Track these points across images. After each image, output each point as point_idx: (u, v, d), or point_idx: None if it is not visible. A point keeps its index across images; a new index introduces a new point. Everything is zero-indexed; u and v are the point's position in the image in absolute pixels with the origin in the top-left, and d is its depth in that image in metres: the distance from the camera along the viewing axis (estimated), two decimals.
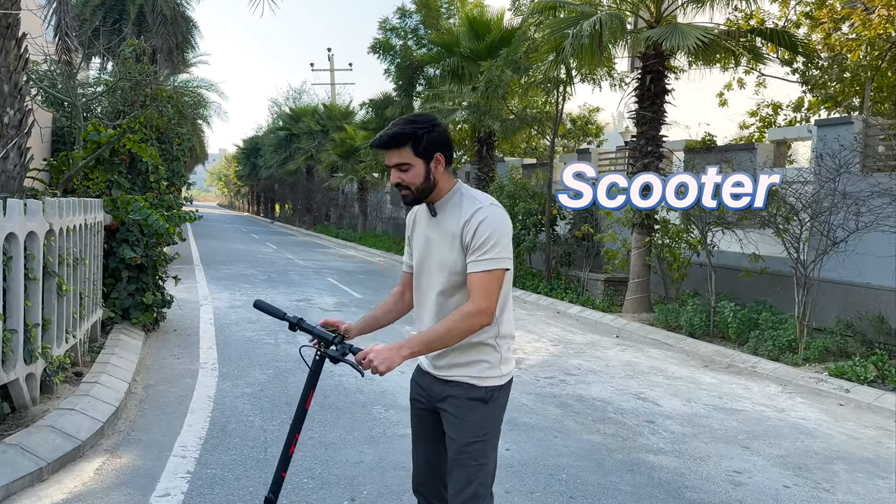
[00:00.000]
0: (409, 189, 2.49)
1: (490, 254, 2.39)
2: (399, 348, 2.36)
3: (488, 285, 2.39)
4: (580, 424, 5.62)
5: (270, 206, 55.21)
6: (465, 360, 2.51)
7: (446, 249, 2.49)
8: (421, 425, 2.70)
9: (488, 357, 2.52)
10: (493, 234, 2.39)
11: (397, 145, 2.44)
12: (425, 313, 2.59)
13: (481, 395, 2.51)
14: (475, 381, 2.51)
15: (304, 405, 2.59)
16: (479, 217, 2.42)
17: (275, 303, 10.94)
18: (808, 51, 10.67)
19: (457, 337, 2.41)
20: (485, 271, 2.39)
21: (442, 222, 2.53)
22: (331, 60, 40.37)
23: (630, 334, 10.17)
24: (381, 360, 2.33)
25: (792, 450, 5.37)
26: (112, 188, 8.04)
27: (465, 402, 2.51)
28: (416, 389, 2.70)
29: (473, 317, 2.38)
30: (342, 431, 5.04)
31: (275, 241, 27.08)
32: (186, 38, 22.66)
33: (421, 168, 2.46)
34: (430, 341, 2.39)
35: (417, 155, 2.45)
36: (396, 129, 2.45)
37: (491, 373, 2.52)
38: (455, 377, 2.53)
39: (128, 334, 7.24)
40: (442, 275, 2.50)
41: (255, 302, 2.70)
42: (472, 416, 2.50)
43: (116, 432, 4.79)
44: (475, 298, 2.39)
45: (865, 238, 8.38)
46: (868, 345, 8.52)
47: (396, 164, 2.46)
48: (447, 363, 2.53)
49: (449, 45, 16.69)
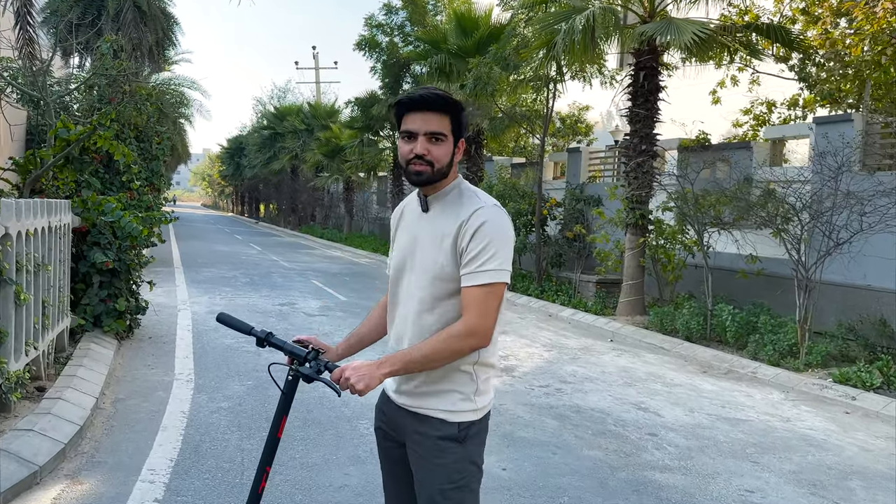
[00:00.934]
0: (431, 166, 2.07)
1: (489, 265, 2.01)
2: (379, 365, 1.99)
3: (485, 302, 2.01)
4: (580, 439, 5.29)
5: (255, 206, 54.61)
6: (434, 388, 2.11)
7: (433, 249, 2.09)
8: (388, 461, 2.30)
9: (461, 387, 2.11)
10: (494, 241, 2.02)
11: (442, 109, 2.06)
12: (401, 328, 2.18)
13: (453, 433, 2.10)
14: (445, 416, 2.10)
15: (276, 433, 2.21)
16: (479, 219, 2.04)
17: (256, 307, 10.58)
18: (804, 47, 10.42)
19: (442, 360, 2.02)
20: (482, 286, 2.00)
21: (434, 219, 2.14)
22: (315, 59, 39.95)
23: (624, 338, 9.87)
24: (358, 377, 1.96)
25: (804, 464, 5.07)
26: (82, 188, 7.62)
27: (435, 443, 2.10)
28: (381, 417, 2.30)
29: (464, 338, 2.00)
30: (326, 451, 4.67)
31: (259, 242, 26.61)
32: (167, 35, 22.13)
33: (451, 147, 2.10)
34: (410, 360, 2.01)
35: (452, 131, 2.09)
36: (442, 93, 2.07)
37: (464, 405, 2.11)
38: (421, 409, 2.13)
39: (99, 343, 6.83)
40: (424, 280, 2.10)
41: (218, 315, 2.33)
42: (445, 460, 2.09)
43: (79, 454, 4.40)
44: (469, 317, 2.01)
45: (868, 239, 8.12)
46: (870, 349, 8.26)
47: (431, 133, 2.06)
48: (412, 389, 2.13)
49: (436, 41, 16.35)
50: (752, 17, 11.27)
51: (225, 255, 19.75)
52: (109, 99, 11.06)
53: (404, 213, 2.30)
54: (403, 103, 2.10)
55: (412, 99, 2.07)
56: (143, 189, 9.63)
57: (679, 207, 10.12)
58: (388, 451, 2.30)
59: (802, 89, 11.54)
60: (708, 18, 10.41)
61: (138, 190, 9.74)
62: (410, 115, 2.08)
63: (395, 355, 2.03)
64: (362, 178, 26.18)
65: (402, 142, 2.13)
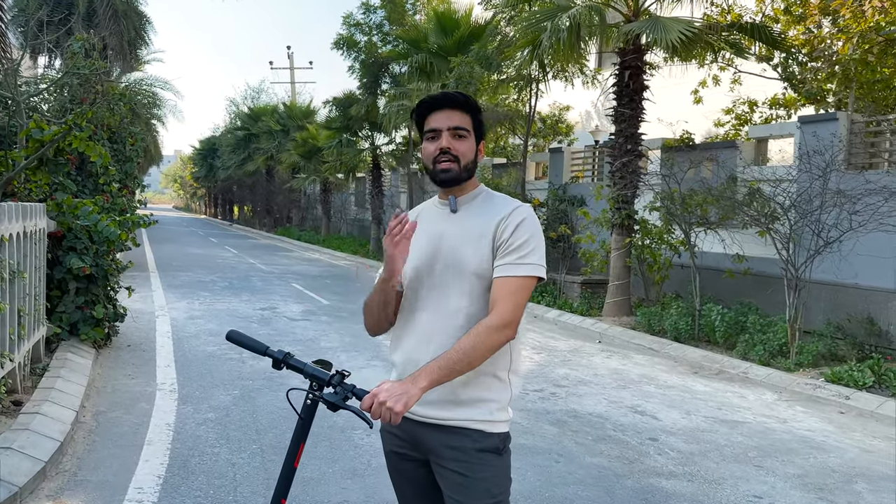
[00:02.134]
0: (458, 161, 2.05)
1: (530, 258, 1.98)
2: (414, 380, 1.83)
3: (519, 294, 1.95)
4: (581, 445, 5.16)
5: (229, 208, 53.88)
6: (468, 396, 1.98)
7: (470, 247, 2.01)
8: (409, 484, 2.14)
9: (497, 395, 2.02)
10: (534, 237, 2.01)
11: (463, 107, 2.07)
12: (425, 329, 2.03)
13: (494, 444, 1.99)
14: (485, 427, 1.98)
15: (293, 462, 2.03)
16: (519, 215, 2.02)
17: (237, 312, 10.32)
18: (787, 46, 10.43)
19: (482, 356, 1.90)
20: (520, 277, 1.96)
21: (466, 219, 2.07)
22: (290, 58, 39.54)
23: (612, 339, 9.79)
24: (395, 398, 1.77)
25: (807, 467, 5.00)
26: (57, 191, 7.33)
27: (476, 456, 1.97)
28: (392, 440, 2.12)
29: (500, 330, 1.91)
30: (321, 464, 4.48)
31: (234, 245, 26.20)
32: (139, 34, 21.65)
33: (473, 144, 2.09)
34: (453, 363, 1.85)
35: (474, 130, 2.09)
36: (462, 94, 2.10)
37: (501, 415, 2.03)
38: (454, 420, 1.98)
39: (76, 352, 6.56)
40: (459, 279, 2.01)
41: (228, 334, 2.13)
42: (486, 473, 1.97)
43: (61, 472, 4.16)
44: (502, 308, 1.92)
45: (859, 238, 8.11)
46: (859, 347, 8.26)
47: (455, 128, 2.05)
48: (440, 399, 1.98)
49: (416, 41, 16.18)
50: (734, 17, 11.26)
51: (200, 259, 19.37)
52: (81, 99, 10.73)
53: (420, 217, 2.18)
54: (425, 103, 2.09)
55: (434, 98, 2.09)
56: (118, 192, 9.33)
57: (666, 207, 10.06)
58: (407, 474, 2.14)
59: (786, 88, 11.56)
60: (692, 17, 10.37)
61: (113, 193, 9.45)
62: (432, 115, 2.08)
63: (431, 364, 1.87)
64: (340, 179, 25.88)
65: (426, 142, 2.09)
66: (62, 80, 10.60)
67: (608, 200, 10.96)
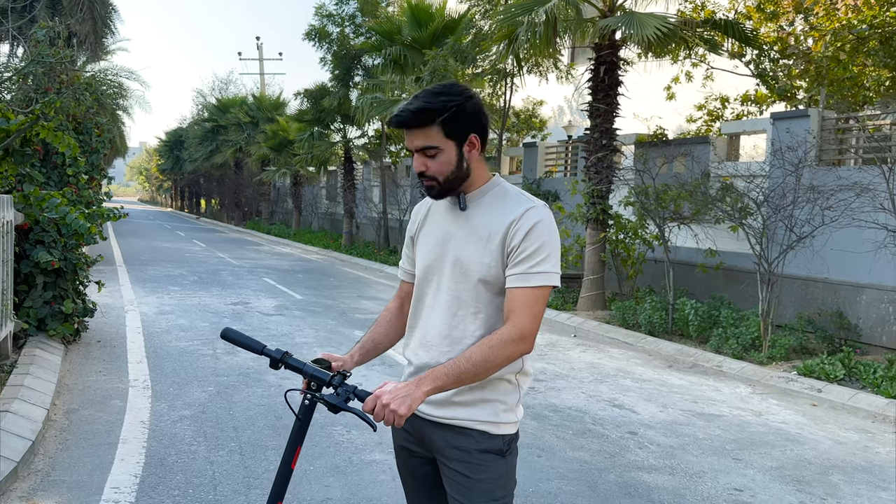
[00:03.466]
0: (436, 180, 1.93)
1: (543, 266, 1.88)
2: (418, 383, 1.79)
3: (536, 305, 1.87)
4: (562, 440, 5.16)
5: (196, 201, 53.10)
6: (474, 398, 1.94)
7: (477, 250, 1.93)
8: (415, 479, 2.12)
9: (504, 397, 1.97)
10: (548, 242, 1.90)
11: (422, 123, 1.89)
12: (431, 335, 2.00)
13: (498, 445, 1.95)
14: (489, 428, 1.95)
15: (289, 464, 1.97)
16: (532, 218, 1.90)
17: (208, 307, 10.15)
18: (759, 43, 10.54)
19: (493, 368, 1.85)
20: (535, 287, 1.87)
21: (475, 217, 1.97)
22: (260, 49, 39.04)
23: (587, 333, 9.84)
24: (398, 401, 1.74)
25: (784, 460, 5.06)
26: (23, 182, 7.11)
27: (478, 457, 1.94)
28: (402, 435, 2.09)
29: (517, 342, 1.85)
30: (302, 461, 4.41)
31: (202, 239, 25.81)
32: (105, 23, 21.21)
33: (452, 153, 1.92)
34: (460, 372, 1.81)
35: (448, 136, 1.91)
36: (421, 103, 1.88)
37: (507, 417, 1.98)
38: (459, 420, 1.95)
39: (45, 349, 6.38)
40: (464, 283, 1.95)
41: (224, 331, 2.05)
42: (488, 475, 1.93)
43: (33, 473, 4.03)
44: (519, 320, 1.85)
45: (827, 232, 8.25)
46: (830, 341, 8.41)
47: (421, 149, 1.92)
48: (447, 400, 1.95)
49: (390, 33, 16.05)
50: (708, 13, 11.36)
51: (168, 253, 19.04)
52: (46, 88, 10.43)
53: (431, 210, 2.12)
54: (393, 124, 1.97)
55: (395, 120, 1.93)
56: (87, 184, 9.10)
57: (640, 202, 10.13)
58: (414, 470, 2.12)
59: (758, 85, 11.70)
60: (666, 13, 10.43)
61: (80, 185, 9.22)
62: (406, 132, 1.96)
63: (438, 369, 1.82)
64: (312, 172, 25.64)
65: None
66: (26, 68, 10.29)
67: (583, 195, 11.01)
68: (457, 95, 1.90)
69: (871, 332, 8.39)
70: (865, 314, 8.46)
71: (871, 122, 8.95)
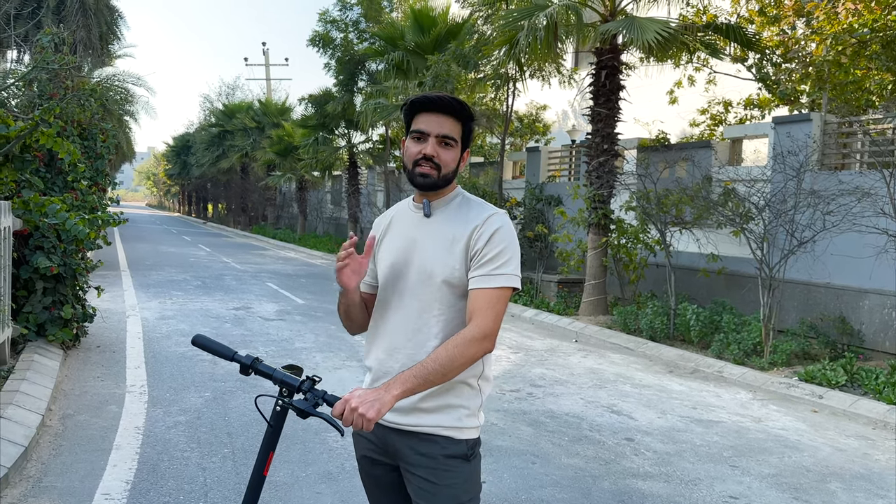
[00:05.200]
0: (438, 170, 2.00)
1: (505, 269, 1.96)
2: (387, 387, 1.80)
3: (498, 305, 1.93)
4: (557, 446, 5.13)
5: (203, 205, 53.29)
6: (437, 404, 1.97)
7: (441, 254, 1.98)
8: (379, 488, 2.13)
9: (467, 402, 2.01)
10: (509, 247, 1.99)
11: (456, 115, 2.01)
12: (396, 338, 2.02)
13: (463, 450, 1.98)
14: (454, 434, 1.98)
15: (262, 471, 1.96)
16: (493, 224, 1.99)
17: (210, 312, 10.16)
18: (761, 47, 10.51)
19: (460, 367, 1.87)
20: (496, 288, 1.93)
21: (440, 224, 2.04)
22: (266, 55, 39.18)
23: (589, 338, 9.81)
24: (367, 404, 1.74)
25: (781, 467, 5.02)
26: (24, 189, 7.14)
27: (443, 462, 1.96)
28: (365, 445, 2.10)
29: (480, 342, 1.88)
30: (294, 467, 4.40)
31: (208, 244, 25.89)
32: (111, 29, 21.33)
33: (458, 153, 2.05)
34: (427, 372, 1.82)
35: (461, 138, 2.04)
36: (459, 100, 2.00)
37: (471, 422, 2.01)
38: (424, 427, 1.97)
39: (43, 354, 6.39)
40: (429, 286, 1.99)
41: (194, 339, 2.06)
42: (454, 480, 1.96)
43: (25, 479, 4.04)
44: (482, 320, 1.89)
45: (829, 237, 8.20)
46: (832, 346, 8.35)
47: (444, 136, 1.99)
48: (412, 407, 1.97)
49: (393, 38, 16.08)
50: (709, 18, 11.33)
51: (173, 257, 19.10)
52: (51, 94, 10.49)
53: (394, 220, 2.16)
54: (417, 103, 2.01)
55: (429, 99, 2.01)
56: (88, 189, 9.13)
57: (642, 207, 10.10)
58: (378, 479, 2.12)
59: (760, 89, 11.66)
60: (668, 17, 10.41)
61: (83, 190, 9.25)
62: (423, 115, 2.02)
63: (406, 373, 1.84)
64: (317, 177, 25.68)
65: (410, 142, 2.03)
66: (29, 74, 10.36)
67: (585, 200, 10.98)
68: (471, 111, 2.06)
69: (874, 337, 8.33)
70: (868, 319, 8.39)
71: (874, 126, 8.90)
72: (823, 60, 8.85)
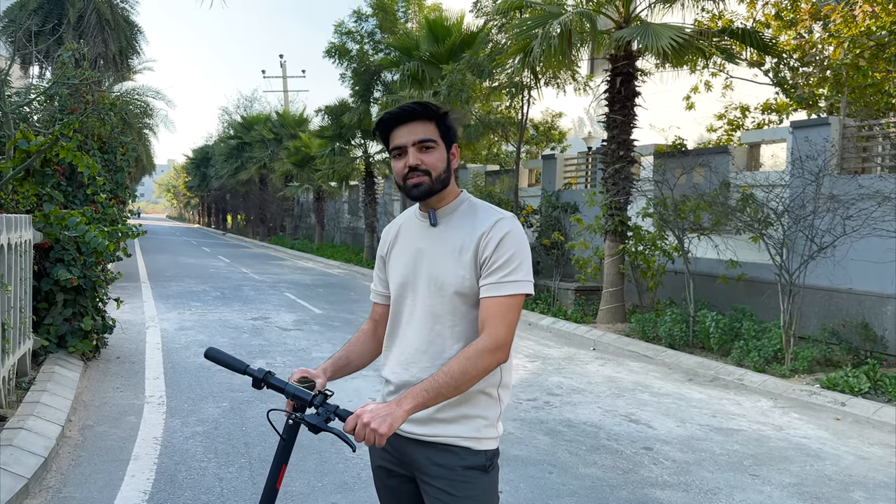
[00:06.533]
0: (429, 175, 1.95)
1: (515, 275, 1.90)
2: (399, 402, 1.78)
3: (510, 313, 1.89)
4: (575, 456, 5.09)
5: (222, 217, 53.75)
6: (455, 414, 1.94)
7: (450, 263, 1.95)
8: (394, 498, 2.10)
9: (486, 412, 1.97)
10: (519, 251, 1.93)
11: (425, 117, 1.96)
12: (410, 352, 2.01)
13: (481, 461, 1.95)
14: (472, 444, 1.94)
15: (275, 483, 1.96)
16: (501, 229, 1.93)
17: (228, 322, 10.23)
18: (778, 51, 10.43)
19: (472, 380, 1.85)
20: (508, 296, 1.89)
21: (446, 232, 2.00)
22: (283, 67, 39.52)
23: (607, 346, 9.74)
24: (379, 420, 1.73)
25: (803, 476, 4.94)
26: (44, 202, 7.25)
27: (462, 474, 1.93)
28: (381, 455, 2.08)
29: (493, 352, 1.85)
30: (310, 478, 4.41)
31: (227, 254, 26.09)
32: (130, 44, 21.64)
33: (444, 153, 1.99)
34: (440, 386, 1.80)
35: (441, 137, 1.98)
36: (421, 102, 1.97)
37: (489, 432, 1.98)
38: (441, 437, 1.94)
39: (63, 365, 6.47)
40: (440, 297, 1.96)
41: (207, 352, 2.07)
42: (472, 491, 1.93)
43: (45, 489, 4.08)
44: (494, 329, 1.86)
45: (853, 243, 8.09)
46: (854, 353, 8.22)
47: (420, 142, 1.95)
48: (429, 417, 1.95)
49: (408, 48, 16.16)
50: (725, 23, 11.27)
51: (193, 268, 19.27)
52: (71, 109, 10.65)
53: (401, 229, 2.14)
54: (385, 121, 1.99)
55: (392, 114, 1.98)
56: (108, 202, 9.25)
57: (659, 213, 10.04)
58: (393, 490, 2.10)
59: (778, 93, 11.56)
60: (683, 23, 10.37)
61: (102, 203, 9.37)
62: (395, 131, 1.98)
63: (418, 387, 1.82)
64: (333, 187, 25.84)
65: (394, 161, 2.01)
66: (50, 89, 10.52)
67: (601, 207, 10.93)
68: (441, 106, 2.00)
69: None
70: (891, 325, 8.26)
71: (893, 129, 8.79)
72: (841, 64, 8.76)
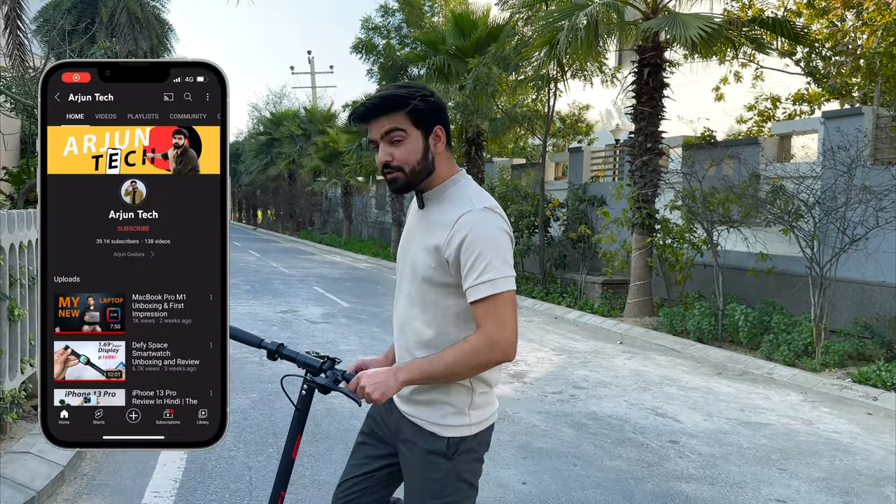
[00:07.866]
0: (402, 171, 1.91)
1: (487, 274, 1.85)
2: (395, 372, 1.85)
3: (496, 311, 1.85)
4: (599, 448, 5.10)
5: (252, 212, 54.38)
6: (427, 398, 1.97)
7: (422, 251, 1.95)
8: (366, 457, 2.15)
9: (454, 400, 1.96)
10: (485, 249, 1.85)
11: (390, 109, 1.88)
12: (395, 326, 2.11)
13: (442, 448, 1.96)
14: (436, 430, 1.96)
15: (290, 454, 2.05)
16: (461, 229, 1.88)
17: (258, 315, 10.38)
18: (810, 40, 10.25)
19: (463, 372, 1.88)
20: (487, 297, 1.85)
21: (429, 217, 1.99)
22: (311, 63, 39.78)
23: (634, 340, 9.69)
24: (373, 386, 1.82)
25: (832, 470, 4.89)
26: None
27: (422, 456, 1.98)
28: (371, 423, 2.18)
29: (488, 350, 1.85)
30: (337, 467, 4.47)
31: (258, 249, 26.42)
32: (161, 42, 21.95)
33: (418, 142, 1.91)
34: (432, 370, 1.86)
35: (415, 125, 1.90)
36: (388, 92, 1.91)
37: (455, 420, 1.96)
38: (415, 417, 2.00)
39: None
40: (414, 281, 1.98)
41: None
42: (431, 475, 1.96)
43: (79, 476, 4.20)
44: (485, 329, 1.86)
45: (882, 234, 7.94)
46: (887, 347, 8.08)
47: (386, 133, 1.89)
48: (408, 395, 2.01)
49: (434, 42, 16.17)
50: (755, 12, 11.10)
51: None
52: None
53: (410, 209, 2.20)
54: (356, 119, 1.96)
55: (357, 113, 1.93)
56: None
57: (688, 205, 9.94)
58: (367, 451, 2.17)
59: (809, 84, 11.37)
60: (711, 13, 10.24)
61: None
62: (369, 124, 1.93)
63: (416, 363, 1.90)
64: (361, 182, 26.00)
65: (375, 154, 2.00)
66: None
67: (628, 199, 10.86)
68: (421, 89, 1.94)
69: None
70: None
71: None
72: (874, 52, 8.59)
